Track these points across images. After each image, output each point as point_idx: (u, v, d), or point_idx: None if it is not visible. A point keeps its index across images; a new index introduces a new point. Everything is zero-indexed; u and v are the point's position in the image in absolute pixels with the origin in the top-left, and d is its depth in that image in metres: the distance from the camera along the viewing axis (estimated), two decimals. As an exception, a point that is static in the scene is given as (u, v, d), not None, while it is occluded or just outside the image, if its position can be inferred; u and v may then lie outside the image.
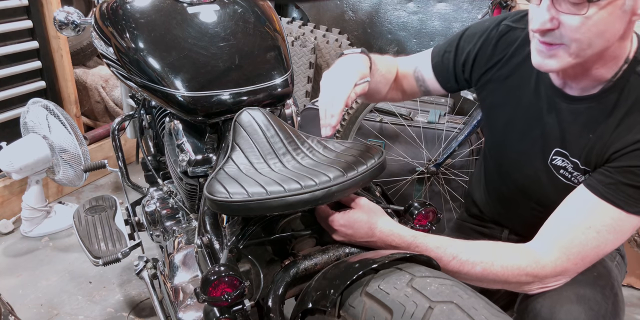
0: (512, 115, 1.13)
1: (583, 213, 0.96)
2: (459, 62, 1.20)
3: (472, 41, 1.17)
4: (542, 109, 1.07)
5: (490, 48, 1.14)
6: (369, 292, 0.79)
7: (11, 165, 2.05)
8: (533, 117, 1.08)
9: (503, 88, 1.14)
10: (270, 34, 1.30)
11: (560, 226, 0.97)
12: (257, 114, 1.09)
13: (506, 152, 1.18)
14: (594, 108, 0.98)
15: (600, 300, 1.01)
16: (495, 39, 1.13)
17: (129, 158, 2.11)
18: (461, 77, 1.22)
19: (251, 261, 0.96)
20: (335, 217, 0.96)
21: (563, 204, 0.99)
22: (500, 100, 1.15)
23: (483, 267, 0.94)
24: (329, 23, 2.89)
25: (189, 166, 1.17)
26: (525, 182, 1.15)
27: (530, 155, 1.11)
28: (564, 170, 1.05)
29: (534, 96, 1.08)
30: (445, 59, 1.22)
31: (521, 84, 1.10)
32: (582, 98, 1.00)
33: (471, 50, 1.17)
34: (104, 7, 1.32)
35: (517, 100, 1.11)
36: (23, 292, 1.91)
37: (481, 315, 0.70)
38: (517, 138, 1.13)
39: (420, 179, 2.13)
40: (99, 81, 2.84)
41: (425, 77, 1.26)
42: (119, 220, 1.77)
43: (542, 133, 1.07)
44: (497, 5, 1.88)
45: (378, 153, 0.98)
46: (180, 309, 1.10)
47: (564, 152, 1.04)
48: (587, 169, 1.01)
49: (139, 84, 1.21)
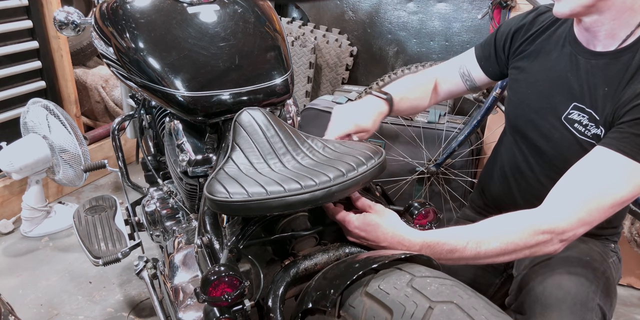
0: (536, 78, 1.19)
1: (596, 166, 0.97)
2: (499, 44, 1.29)
3: (511, 24, 1.28)
4: (564, 66, 1.13)
5: (528, 24, 1.24)
6: (369, 292, 0.79)
7: (11, 165, 2.05)
8: (555, 76, 1.15)
9: (533, 56, 1.21)
10: (270, 34, 1.30)
11: (573, 180, 0.98)
12: (257, 114, 1.09)
13: (523, 115, 1.22)
14: (611, 64, 1.05)
15: (591, 278, 1.05)
16: (533, 16, 1.24)
17: (129, 158, 2.12)
18: (502, 58, 1.30)
19: (251, 261, 0.96)
20: (350, 218, 0.97)
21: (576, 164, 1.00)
22: (527, 66, 1.22)
23: (499, 241, 0.94)
24: (329, 23, 2.89)
25: (189, 166, 1.17)
26: (540, 140, 1.18)
27: (546, 112, 1.16)
28: (578, 124, 1.09)
29: (559, 56, 1.15)
30: (486, 46, 1.33)
31: (550, 49, 1.18)
32: (602, 53, 1.07)
33: (510, 29, 1.27)
34: (104, 7, 1.32)
35: (542, 63, 1.19)
36: (23, 292, 1.91)
37: (481, 315, 0.70)
38: (536, 98, 1.18)
39: (420, 179, 2.13)
40: (99, 81, 2.84)
41: (470, 70, 1.36)
42: (119, 220, 1.77)
43: (561, 89, 1.13)
44: (497, 5, 1.89)
45: (378, 153, 0.98)
46: (180, 309, 1.10)
47: (581, 106, 1.09)
48: (599, 121, 1.05)
49: (139, 84, 1.21)
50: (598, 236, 1.23)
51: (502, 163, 1.32)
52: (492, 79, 1.36)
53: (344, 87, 2.66)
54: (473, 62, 1.36)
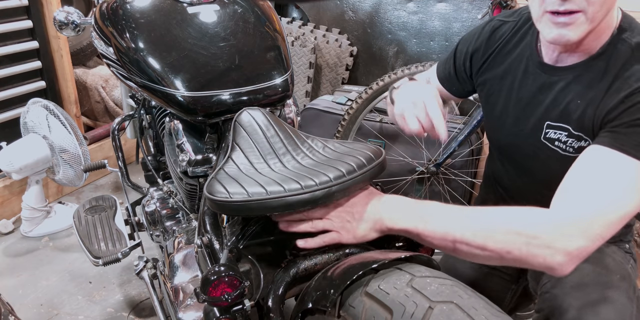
0: (506, 102, 1.17)
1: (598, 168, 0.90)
2: (459, 64, 1.27)
3: (468, 41, 1.25)
4: (531, 88, 1.11)
5: (485, 42, 1.20)
6: (369, 292, 0.79)
7: (11, 165, 2.05)
8: (524, 98, 1.12)
9: (497, 78, 1.19)
10: (270, 34, 1.31)
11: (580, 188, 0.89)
12: (257, 114, 1.09)
13: (504, 138, 1.20)
14: (583, 76, 1.02)
15: (626, 302, 1.00)
16: (488, 33, 1.20)
17: (129, 158, 2.12)
18: (463, 77, 1.28)
19: (251, 261, 0.96)
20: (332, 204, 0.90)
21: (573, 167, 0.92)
22: (495, 90, 1.20)
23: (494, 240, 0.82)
24: (329, 23, 2.89)
25: (189, 166, 1.17)
26: (527, 162, 1.16)
27: (525, 135, 1.13)
28: (558, 141, 1.07)
29: (523, 78, 1.12)
30: (447, 65, 1.30)
31: (513, 70, 1.15)
32: (571, 67, 1.04)
33: (468, 49, 1.24)
34: (104, 7, 1.32)
35: (509, 86, 1.16)
36: (23, 292, 1.91)
37: (481, 315, 0.70)
38: (512, 122, 1.16)
39: (420, 179, 2.13)
40: (99, 81, 2.84)
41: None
42: (119, 220, 1.77)
43: (533, 111, 1.11)
44: (497, 5, 1.88)
45: (378, 153, 0.98)
46: (180, 309, 1.10)
47: (555, 124, 1.06)
48: (580, 135, 1.03)
49: (139, 84, 1.21)
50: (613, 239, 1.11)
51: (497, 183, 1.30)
52: (457, 97, 1.34)
53: (344, 87, 2.66)
54: (435, 81, 1.34)
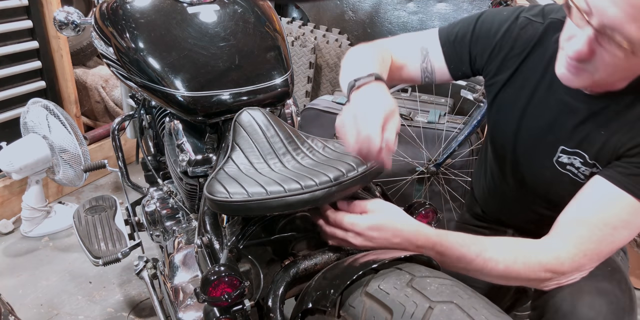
0: (521, 115, 1.12)
1: (600, 205, 0.95)
2: (475, 50, 1.14)
3: (491, 29, 1.12)
4: (554, 108, 1.06)
5: (511, 41, 1.10)
6: (369, 292, 0.79)
7: (11, 165, 2.05)
8: (543, 116, 1.08)
9: (515, 87, 1.12)
10: (270, 34, 1.30)
11: (578, 220, 0.96)
12: (257, 114, 1.09)
13: (512, 151, 1.16)
14: (611, 106, 0.98)
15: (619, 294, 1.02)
16: (516, 31, 1.09)
17: (129, 158, 2.12)
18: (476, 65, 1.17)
19: (251, 261, 0.96)
20: (357, 220, 0.92)
21: (579, 196, 0.97)
22: (512, 96, 1.12)
23: (506, 265, 0.93)
24: (329, 23, 2.89)
25: (189, 166, 1.17)
26: (532, 180, 1.15)
27: (536, 153, 1.11)
28: (570, 166, 1.05)
29: (546, 95, 1.07)
30: (458, 45, 1.15)
31: (534, 83, 1.08)
32: (599, 97, 0.99)
33: (490, 39, 1.12)
34: (104, 7, 1.32)
35: (527, 99, 1.10)
36: (23, 292, 1.91)
37: (481, 315, 0.70)
38: (524, 137, 1.12)
39: (420, 179, 2.13)
40: (99, 81, 2.84)
41: (435, 69, 1.19)
42: (119, 220, 1.77)
43: (550, 131, 1.07)
44: (497, 5, 1.88)
45: (378, 153, 0.98)
46: (180, 309, 1.10)
47: (572, 151, 1.04)
48: (595, 164, 1.01)
49: (139, 84, 1.21)
50: None
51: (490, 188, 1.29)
52: (455, 79, 1.22)
53: (344, 87, 2.65)
54: (440, 62, 1.18)
